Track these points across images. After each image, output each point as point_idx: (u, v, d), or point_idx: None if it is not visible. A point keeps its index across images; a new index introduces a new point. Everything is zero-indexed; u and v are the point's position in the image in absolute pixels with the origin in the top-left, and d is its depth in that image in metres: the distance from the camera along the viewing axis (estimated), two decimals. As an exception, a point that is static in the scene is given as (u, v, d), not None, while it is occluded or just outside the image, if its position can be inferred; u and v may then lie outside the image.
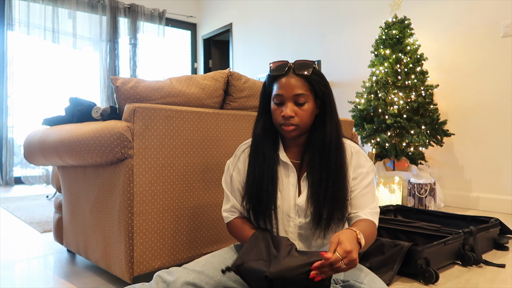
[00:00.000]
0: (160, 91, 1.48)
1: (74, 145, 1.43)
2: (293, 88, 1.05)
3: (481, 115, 3.01)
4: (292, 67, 1.07)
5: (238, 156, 1.20)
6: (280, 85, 1.07)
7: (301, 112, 1.06)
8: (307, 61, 1.07)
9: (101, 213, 1.46)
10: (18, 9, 4.98)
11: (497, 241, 1.92)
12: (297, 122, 1.06)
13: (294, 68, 1.07)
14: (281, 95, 1.06)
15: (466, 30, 3.09)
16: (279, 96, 1.07)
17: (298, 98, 1.05)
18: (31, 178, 5.00)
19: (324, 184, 1.06)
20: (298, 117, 1.06)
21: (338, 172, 1.07)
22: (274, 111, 1.09)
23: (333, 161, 1.07)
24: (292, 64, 1.08)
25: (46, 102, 5.17)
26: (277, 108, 1.08)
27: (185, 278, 1.01)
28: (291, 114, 1.05)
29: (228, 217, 1.19)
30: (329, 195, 1.06)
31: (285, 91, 1.06)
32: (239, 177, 1.18)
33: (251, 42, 5.43)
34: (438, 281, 1.47)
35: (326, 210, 1.06)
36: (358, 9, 3.92)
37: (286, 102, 1.06)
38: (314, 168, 1.08)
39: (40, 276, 1.62)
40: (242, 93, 1.70)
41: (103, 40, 5.59)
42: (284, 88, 1.06)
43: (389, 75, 3.06)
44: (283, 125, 1.07)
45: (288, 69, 1.07)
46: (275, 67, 1.09)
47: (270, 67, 1.10)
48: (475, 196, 3.02)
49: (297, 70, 1.06)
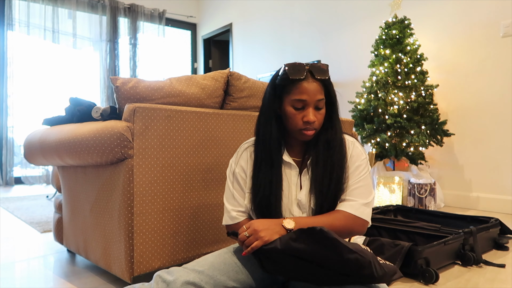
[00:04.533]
0: (160, 91, 1.48)
1: (74, 145, 1.43)
2: (316, 94, 1.06)
3: (481, 115, 3.01)
4: (311, 70, 1.07)
5: (240, 154, 1.20)
6: (302, 89, 1.06)
7: (319, 116, 1.09)
8: (323, 65, 1.08)
9: (101, 213, 1.46)
10: (18, 9, 4.99)
11: (497, 241, 1.92)
12: (316, 126, 1.09)
13: (314, 72, 1.06)
14: (304, 100, 1.06)
15: (466, 30, 3.09)
16: (301, 101, 1.06)
17: (319, 103, 1.08)
18: (31, 178, 5.00)
19: (329, 177, 1.08)
20: (317, 121, 1.09)
21: (340, 165, 1.10)
22: (294, 116, 1.08)
23: (337, 156, 1.10)
24: (309, 67, 1.07)
25: (46, 102, 5.17)
26: (297, 113, 1.07)
27: (185, 278, 1.01)
28: (315, 119, 1.06)
29: (236, 217, 1.16)
30: (332, 187, 1.08)
31: (309, 97, 1.05)
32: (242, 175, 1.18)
33: (251, 42, 5.43)
34: (438, 281, 1.47)
35: (327, 203, 1.08)
36: (358, 9, 3.92)
37: (307, 108, 1.07)
38: (318, 163, 1.10)
39: (40, 276, 1.62)
40: (242, 93, 1.70)
41: (103, 40, 5.59)
42: (308, 94, 1.05)
43: (389, 75, 3.07)
44: (305, 130, 1.08)
45: (307, 73, 1.06)
46: (293, 70, 1.06)
47: (285, 69, 1.07)
48: (475, 196, 3.02)
49: (316, 75, 1.06)
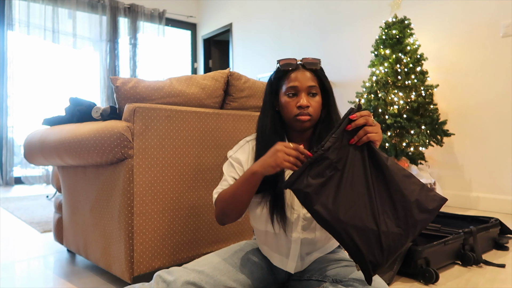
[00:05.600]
0: (160, 91, 1.48)
1: (74, 145, 1.43)
2: (307, 81, 1.09)
3: (481, 115, 3.01)
4: (301, 63, 1.12)
5: (241, 145, 1.20)
6: (293, 78, 1.10)
7: (314, 103, 1.10)
8: (314, 59, 1.12)
9: (101, 213, 1.46)
10: (18, 9, 4.99)
11: (497, 241, 1.92)
12: (311, 112, 1.09)
13: (304, 64, 1.11)
14: (296, 87, 1.09)
15: (466, 30, 3.09)
16: (293, 88, 1.09)
17: (311, 89, 1.09)
18: (31, 178, 5.00)
19: None
20: (312, 107, 1.09)
21: None
22: (288, 103, 1.10)
23: None
24: (300, 60, 1.12)
25: (46, 102, 5.17)
26: (291, 100, 1.10)
27: (185, 278, 1.01)
28: (308, 103, 1.07)
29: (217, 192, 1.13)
30: None
31: (300, 83, 1.09)
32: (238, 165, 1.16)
33: (251, 42, 5.43)
34: (438, 281, 1.47)
35: None
36: (358, 9, 3.92)
37: (300, 94, 1.09)
38: None
39: (40, 276, 1.62)
40: (242, 93, 1.70)
41: (103, 40, 5.59)
42: (299, 80, 1.09)
43: (389, 75, 3.06)
44: (299, 115, 1.08)
45: (298, 64, 1.12)
46: (285, 63, 1.12)
47: (278, 64, 1.13)
48: (475, 196, 3.02)
49: (307, 66, 1.11)
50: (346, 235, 0.89)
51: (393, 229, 0.89)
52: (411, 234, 0.89)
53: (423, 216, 0.89)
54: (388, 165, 0.92)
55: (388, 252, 0.88)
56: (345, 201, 0.90)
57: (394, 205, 0.90)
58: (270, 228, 1.12)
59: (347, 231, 0.89)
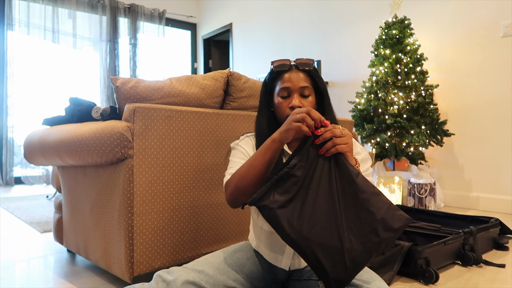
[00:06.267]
0: (160, 91, 1.48)
1: (74, 145, 1.43)
2: (299, 81, 1.10)
3: (481, 115, 3.01)
4: (295, 64, 1.13)
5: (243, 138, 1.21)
6: (286, 79, 1.11)
7: (307, 103, 1.10)
8: (308, 59, 1.13)
9: (101, 213, 1.46)
10: (18, 9, 4.99)
11: (497, 241, 1.92)
12: None
13: (297, 64, 1.12)
14: (288, 88, 1.10)
15: (466, 30, 3.09)
16: (285, 89, 1.10)
17: (303, 90, 1.10)
18: (31, 178, 5.00)
19: None
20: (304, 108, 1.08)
21: None
22: (281, 104, 1.11)
23: None
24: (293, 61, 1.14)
25: (46, 102, 5.17)
26: (283, 101, 1.11)
27: (185, 277, 1.01)
28: (299, 104, 1.08)
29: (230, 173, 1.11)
30: None
31: (292, 84, 1.10)
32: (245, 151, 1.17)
33: (251, 42, 5.43)
34: (438, 281, 1.47)
35: None
36: (358, 9, 3.92)
37: (292, 94, 1.10)
38: None
39: (40, 276, 1.62)
40: (242, 93, 1.70)
41: (103, 40, 5.59)
42: (291, 81, 1.10)
43: (389, 75, 3.07)
44: None
45: (291, 65, 1.13)
46: (278, 64, 1.13)
47: (272, 65, 1.14)
48: (475, 196, 3.02)
49: (300, 66, 1.12)
50: (311, 252, 0.88)
51: (357, 246, 0.88)
52: (375, 251, 0.89)
53: (388, 234, 0.89)
54: (357, 182, 0.91)
55: (352, 269, 0.88)
56: (310, 218, 0.89)
57: (360, 222, 0.90)
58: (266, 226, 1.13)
59: (312, 248, 0.88)
